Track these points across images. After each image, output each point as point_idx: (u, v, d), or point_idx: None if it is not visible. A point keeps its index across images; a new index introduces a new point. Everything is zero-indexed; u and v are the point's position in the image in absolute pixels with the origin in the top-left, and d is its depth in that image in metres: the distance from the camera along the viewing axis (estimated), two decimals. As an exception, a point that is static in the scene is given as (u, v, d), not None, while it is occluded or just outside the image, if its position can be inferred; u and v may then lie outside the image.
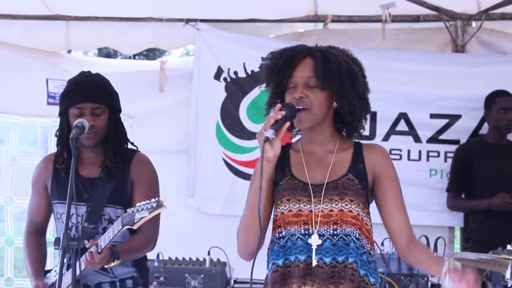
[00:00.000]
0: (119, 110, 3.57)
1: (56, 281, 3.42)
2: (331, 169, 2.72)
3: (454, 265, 2.65)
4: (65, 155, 3.47)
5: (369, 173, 2.73)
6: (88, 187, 3.43)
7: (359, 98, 2.71)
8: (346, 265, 2.63)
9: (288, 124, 2.61)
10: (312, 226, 2.65)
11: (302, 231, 2.65)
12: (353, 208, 2.65)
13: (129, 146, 3.61)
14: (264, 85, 2.79)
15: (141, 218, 3.08)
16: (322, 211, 2.65)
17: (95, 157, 3.49)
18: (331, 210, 2.65)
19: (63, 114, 3.47)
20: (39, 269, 3.53)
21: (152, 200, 3.09)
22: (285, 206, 2.69)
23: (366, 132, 2.91)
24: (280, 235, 2.68)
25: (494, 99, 5.37)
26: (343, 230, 2.64)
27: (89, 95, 3.42)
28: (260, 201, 2.59)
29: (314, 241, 2.63)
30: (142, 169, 3.53)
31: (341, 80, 2.67)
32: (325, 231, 2.64)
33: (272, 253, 2.71)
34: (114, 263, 3.26)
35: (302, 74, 2.69)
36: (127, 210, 3.13)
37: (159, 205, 3.07)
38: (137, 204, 3.11)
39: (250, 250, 2.72)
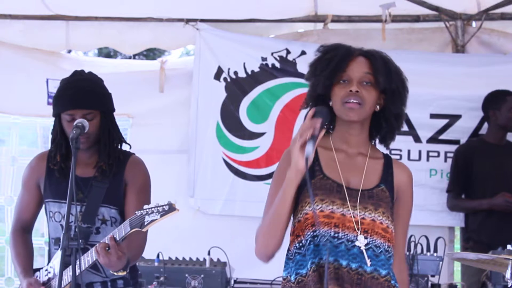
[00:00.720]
0: (112, 110, 3.56)
1: (47, 280, 3.43)
2: (365, 175, 2.70)
3: None
4: (58, 158, 3.48)
5: (395, 189, 2.74)
6: (83, 186, 3.43)
7: (403, 106, 2.73)
8: (377, 277, 2.62)
9: (324, 131, 2.57)
10: (344, 230, 2.61)
11: (332, 233, 2.62)
12: (383, 221, 2.65)
13: (124, 146, 3.61)
14: (315, 76, 2.71)
15: (152, 220, 3.06)
16: (354, 217, 2.63)
17: (89, 157, 3.49)
18: (363, 218, 2.63)
19: (56, 118, 3.48)
20: (28, 268, 3.52)
21: (163, 202, 3.07)
22: (317, 206, 2.63)
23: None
24: (315, 233, 2.63)
25: (506, 97, 5.35)
26: (374, 241, 2.63)
27: (78, 102, 3.41)
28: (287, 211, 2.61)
29: (362, 243, 2.61)
30: (137, 172, 3.53)
31: (397, 83, 2.69)
32: (355, 237, 2.62)
33: (310, 253, 2.63)
34: (123, 273, 3.25)
35: (359, 70, 2.68)
36: (136, 212, 3.11)
37: (172, 208, 3.06)
38: (145, 207, 3.09)
39: (269, 254, 2.69)
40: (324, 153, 2.73)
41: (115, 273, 3.26)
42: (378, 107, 2.71)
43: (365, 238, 2.62)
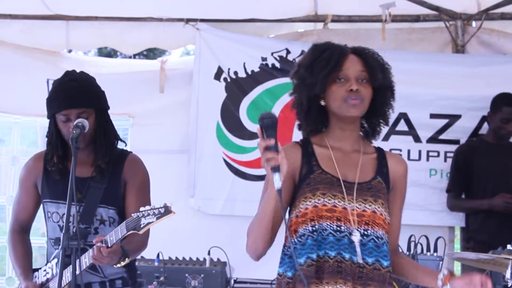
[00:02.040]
0: (107, 108, 3.55)
1: (45, 280, 3.43)
2: (360, 170, 2.73)
3: (449, 271, 2.65)
4: (55, 160, 3.48)
5: (391, 180, 2.77)
6: (81, 186, 3.42)
7: (394, 100, 2.81)
8: (379, 268, 2.63)
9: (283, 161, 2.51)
10: (346, 223, 2.63)
11: (335, 227, 2.63)
12: (383, 212, 2.68)
13: (120, 144, 3.61)
14: (313, 75, 2.72)
15: (148, 223, 3.07)
16: (354, 209, 2.65)
17: (87, 156, 3.48)
18: (364, 210, 2.65)
19: (51, 119, 3.48)
20: (27, 269, 3.52)
21: (159, 205, 3.08)
22: (319, 200, 2.65)
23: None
24: (313, 228, 2.64)
25: (502, 107, 5.35)
26: (375, 232, 2.64)
27: (72, 102, 3.41)
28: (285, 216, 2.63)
29: (357, 237, 2.62)
30: (135, 170, 3.53)
31: (389, 79, 2.77)
32: (357, 230, 2.64)
33: (305, 247, 2.64)
34: (124, 262, 3.26)
35: (354, 69, 2.71)
36: (132, 214, 3.12)
37: (168, 210, 3.07)
38: (141, 209, 3.10)
39: (258, 253, 2.70)
40: (320, 151, 2.76)
41: (114, 266, 3.27)
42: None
43: (366, 230, 2.63)
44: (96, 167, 3.47)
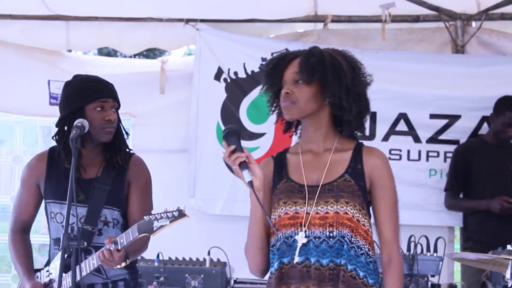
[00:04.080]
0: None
1: (49, 281, 3.43)
2: (328, 169, 2.72)
3: None
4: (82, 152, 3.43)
5: (367, 175, 2.72)
6: (86, 188, 3.42)
7: (347, 90, 2.69)
8: (344, 269, 2.63)
9: (246, 156, 2.66)
10: (311, 228, 2.65)
11: (287, 233, 2.68)
12: (348, 210, 2.65)
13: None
14: (263, 88, 2.84)
15: (161, 226, 3.08)
16: (318, 213, 2.65)
17: (94, 157, 3.48)
18: (326, 213, 2.65)
19: (79, 111, 3.40)
20: (30, 269, 3.52)
21: (173, 208, 3.08)
22: (281, 209, 2.69)
23: (366, 132, 2.91)
24: (277, 238, 2.69)
25: (505, 112, 5.33)
26: (339, 233, 2.63)
27: (110, 91, 3.46)
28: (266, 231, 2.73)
29: (300, 238, 2.64)
30: (139, 171, 3.54)
31: (324, 72, 2.68)
32: (321, 233, 2.64)
33: (276, 253, 2.70)
34: (124, 264, 3.26)
35: (290, 72, 2.74)
36: (144, 217, 3.11)
37: (181, 214, 3.08)
38: (153, 212, 3.10)
39: (261, 269, 2.78)
40: (292, 158, 2.80)
41: (115, 267, 3.26)
42: (327, 100, 2.71)
43: (331, 232, 2.63)
44: (105, 167, 3.45)
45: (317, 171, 2.73)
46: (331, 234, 2.64)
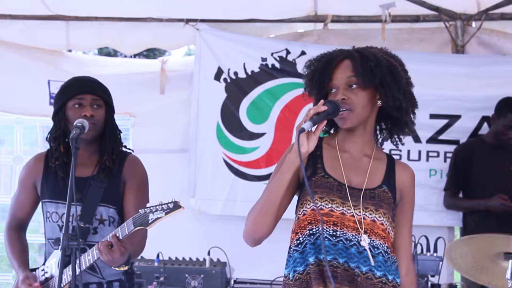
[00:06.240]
0: (114, 111, 3.57)
1: (44, 280, 3.43)
2: (369, 176, 2.69)
3: None
4: (62, 149, 3.46)
5: (398, 190, 2.73)
6: (81, 186, 3.41)
7: (404, 92, 2.67)
8: (371, 277, 2.60)
9: (325, 122, 2.56)
10: (343, 229, 2.60)
11: (331, 231, 2.60)
12: (384, 222, 2.64)
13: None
14: (309, 92, 2.74)
15: (157, 218, 3.06)
16: (357, 216, 2.62)
17: (89, 156, 3.48)
18: (363, 218, 2.62)
19: (60, 110, 3.46)
20: (25, 263, 3.52)
21: (167, 200, 3.07)
22: (316, 203, 2.61)
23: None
24: (311, 232, 2.61)
25: (507, 114, 5.32)
26: (372, 241, 2.62)
27: (88, 87, 3.46)
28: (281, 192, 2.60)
29: (366, 244, 2.60)
30: (135, 169, 3.53)
31: (382, 76, 2.64)
32: (353, 237, 2.61)
33: (307, 251, 2.62)
34: (126, 267, 3.25)
35: (342, 76, 2.66)
36: (139, 210, 3.10)
37: (177, 205, 3.06)
38: (148, 205, 3.09)
39: (256, 237, 2.66)
40: (329, 151, 2.73)
41: (117, 269, 3.25)
42: (379, 102, 2.68)
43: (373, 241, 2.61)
44: (99, 166, 3.46)
45: (357, 174, 2.69)
46: (373, 244, 2.61)
